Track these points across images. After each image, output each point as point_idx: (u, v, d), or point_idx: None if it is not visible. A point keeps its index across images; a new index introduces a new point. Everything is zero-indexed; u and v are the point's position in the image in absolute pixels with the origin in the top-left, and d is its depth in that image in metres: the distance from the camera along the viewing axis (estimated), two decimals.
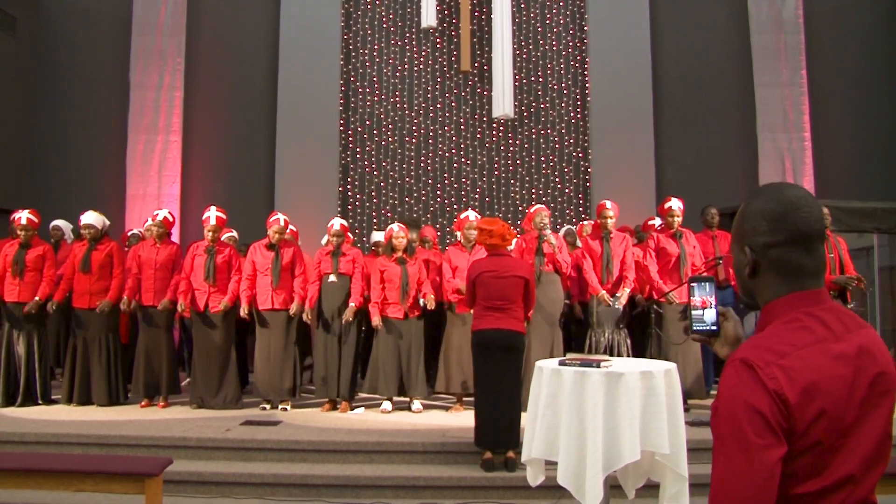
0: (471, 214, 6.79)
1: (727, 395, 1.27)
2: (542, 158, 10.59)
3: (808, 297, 1.36)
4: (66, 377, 6.64)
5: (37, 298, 6.57)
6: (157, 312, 6.62)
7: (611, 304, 6.29)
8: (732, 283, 6.64)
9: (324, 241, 7.94)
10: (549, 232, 6.31)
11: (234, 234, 7.75)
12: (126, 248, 7.29)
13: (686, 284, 6.45)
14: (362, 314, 6.73)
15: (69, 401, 6.58)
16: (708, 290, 1.64)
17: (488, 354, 4.81)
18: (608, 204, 6.50)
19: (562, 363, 3.61)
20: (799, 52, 10.61)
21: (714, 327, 1.62)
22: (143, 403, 6.57)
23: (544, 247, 6.25)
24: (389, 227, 6.72)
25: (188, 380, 7.06)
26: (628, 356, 6.11)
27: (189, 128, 10.63)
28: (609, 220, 6.44)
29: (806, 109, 10.52)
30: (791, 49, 10.62)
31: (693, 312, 1.64)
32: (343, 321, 6.45)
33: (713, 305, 1.63)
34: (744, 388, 1.24)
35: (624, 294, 6.37)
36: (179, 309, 6.58)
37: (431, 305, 6.39)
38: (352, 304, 6.45)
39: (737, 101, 10.74)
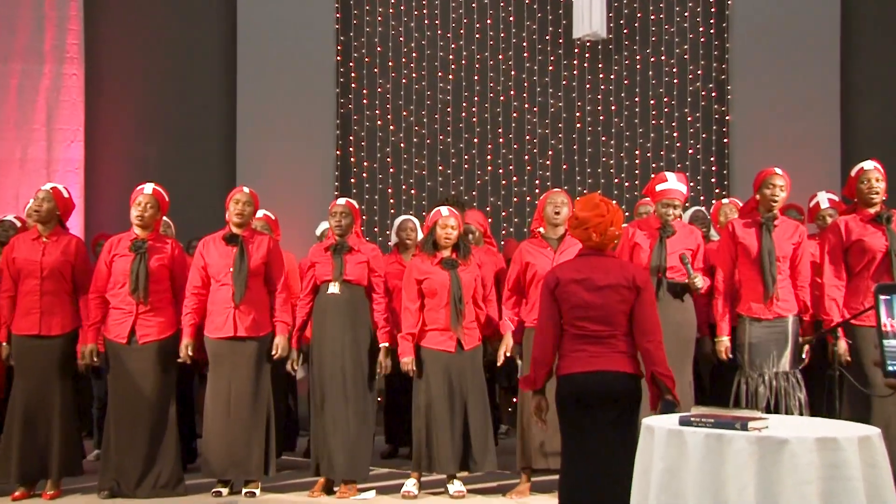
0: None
1: None
2: (652, 101, 10.34)
3: None
4: None
5: None
6: (45, 348, 6.44)
7: (728, 356, 6.36)
8: None
9: (319, 230, 8.06)
10: (694, 270, 6.29)
11: (168, 221, 7.59)
12: None
13: None
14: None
15: None
16: None
17: (581, 411, 4.70)
18: (778, 172, 6.30)
19: (684, 422, 3.69)
20: None
21: None
22: (16, 494, 6.42)
23: (675, 273, 6.31)
24: (436, 210, 6.63)
25: (96, 452, 7.12)
26: (802, 414, 6.04)
27: (94, 55, 10.33)
28: (778, 198, 6.29)
29: None
30: None
31: (886, 343, 1.73)
32: (380, 372, 6.57)
33: None
34: None
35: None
36: (85, 357, 6.50)
37: (500, 360, 6.59)
38: (384, 345, 6.50)
39: None
